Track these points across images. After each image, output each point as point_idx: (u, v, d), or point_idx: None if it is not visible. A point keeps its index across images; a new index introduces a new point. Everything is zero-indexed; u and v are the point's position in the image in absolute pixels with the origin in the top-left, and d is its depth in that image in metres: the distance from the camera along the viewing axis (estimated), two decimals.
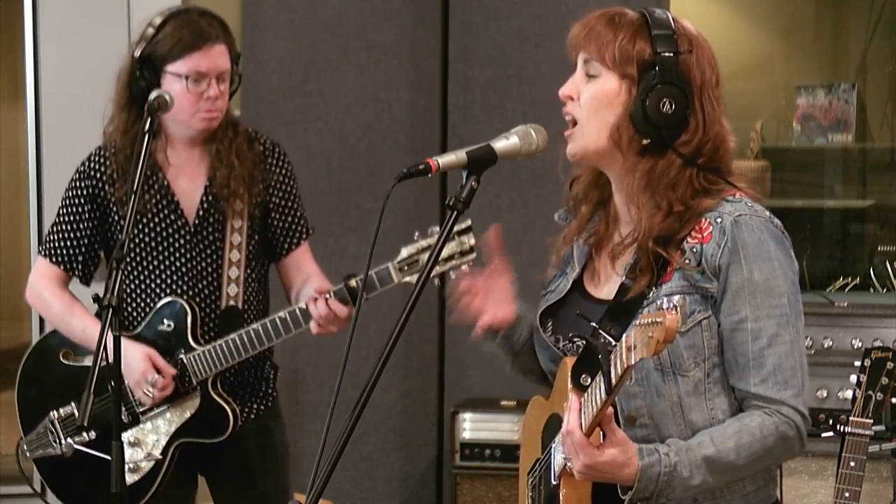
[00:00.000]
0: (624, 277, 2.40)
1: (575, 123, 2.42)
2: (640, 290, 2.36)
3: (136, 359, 3.42)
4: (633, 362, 2.08)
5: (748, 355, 2.34)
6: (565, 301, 2.52)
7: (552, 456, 2.42)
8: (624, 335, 2.11)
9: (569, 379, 2.38)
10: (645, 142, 2.38)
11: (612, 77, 2.38)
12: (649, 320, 2.05)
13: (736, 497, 2.40)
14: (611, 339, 2.21)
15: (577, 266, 2.52)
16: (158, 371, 3.42)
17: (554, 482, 2.41)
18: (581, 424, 2.24)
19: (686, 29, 2.41)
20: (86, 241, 3.53)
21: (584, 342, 2.42)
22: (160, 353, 3.46)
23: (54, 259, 3.56)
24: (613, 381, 2.12)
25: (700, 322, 2.35)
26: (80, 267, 3.55)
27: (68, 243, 3.54)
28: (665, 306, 2.05)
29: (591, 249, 2.52)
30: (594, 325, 2.31)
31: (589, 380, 2.33)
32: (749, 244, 2.34)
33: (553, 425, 2.47)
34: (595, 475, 2.27)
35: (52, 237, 3.56)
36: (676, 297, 2.08)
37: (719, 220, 2.36)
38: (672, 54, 2.36)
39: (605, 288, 2.47)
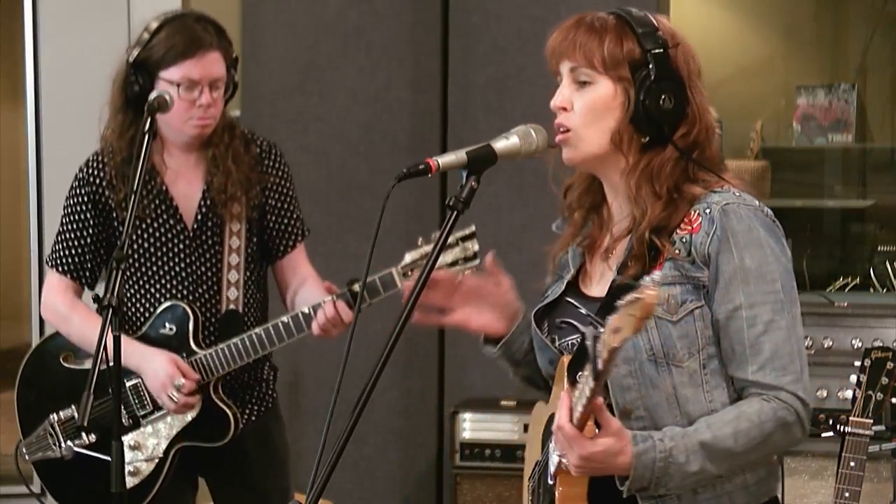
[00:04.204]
0: (615, 274, 2.41)
1: (567, 130, 2.41)
2: (628, 283, 2.34)
3: (161, 362, 3.40)
4: (617, 344, 2.05)
5: (745, 343, 2.34)
6: (559, 302, 2.52)
7: (549, 456, 2.42)
8: (609, 318, 2.08)
9: (565, 377, 2.38)
10: (644, 140, 2.39)
11: (605, 81, 2.38)
12: (630, 298, 2.04)
13: (737, 489, 2.38)
14: (600, 325, 2.19)
15: (573, 268, 2.53)
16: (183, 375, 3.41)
17: (550, 482, 2.41)
18: (572, 418, 2.23)
19: (664, 24, 2.43)
20: (93, 247, 3.51)
21: (579, 340, 2.42)
22: None
23: (63, 269, 3.53)
24: (600, 366, 2.09)
25: (692, 311, 2.35)
26: (88, 274, 3.54)
27: (75, 251, 3.52)
28: (644, 284, 2.05)
29: (585, 252, 2.53)
30: (585, 311, 2.30)
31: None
32: (739, 231, 2.34)
33: (551, 424, 2.47)
34: (591, 467, 2.26)
35: (58, 248, 3.54)
36: (655, 274, 2.10)
37: (707, 210, 2.36)
38: (661, 50, 2.37)
39: (598, 286, 2.47)
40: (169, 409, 3.44)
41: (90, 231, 3.50)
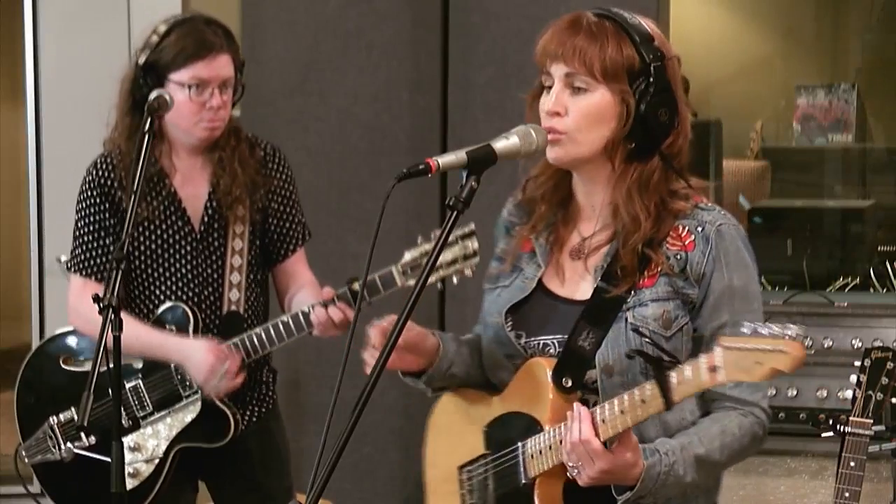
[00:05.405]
0: (598, 280, 2.42)
1: (561, 133, 2.41)
2: (619, 294, 2.39)
3: (201, 353, 3.40)
4: (721, 381, 2.16)
5: None
6: (529, 299, 2.51)
7: (520, 456, 2.43)
8: (705, 354, 2.17)
9: (549, 381, 2.40)
10: (631, 146, 2.40)
11: (602, 90, 2.38)
12: (760, 346, 2.09)
13: (701, 493, 2.47)
14: (659, 351, 2.28)
15: (543, 264, 2.52)
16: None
17: (523, 481, 2.42)
18: (598, 433, 2.27)
19: (654, 29, 2.42)
20: (112, 247, 3.49)
21: (556, 343, 2.43)
22: None
23: (87, 272, 3.52)
24: (675, 398, 2.20)
25: (682, 327, 2.41)
26: None
27: (97, 252, 3.51)
28: (786, 334, 2.09)
29: (551, 247, 2.52)
30: (649, 341, 2.34)
31: (570, 382, 2.38)
32: (730, 252, 2.41)
33: (510, 423, 2.47)
34: (605, 479, 2.31)
35: (79, 252, 3.53)
36: (797, 327, 2.11)
37: (700, 228, 2.40)
38: (660, 62, 2.38)
39: (575, 288, 2.48)
40: (217, 396, 3.43)
41: (108, 231, 3.50)
